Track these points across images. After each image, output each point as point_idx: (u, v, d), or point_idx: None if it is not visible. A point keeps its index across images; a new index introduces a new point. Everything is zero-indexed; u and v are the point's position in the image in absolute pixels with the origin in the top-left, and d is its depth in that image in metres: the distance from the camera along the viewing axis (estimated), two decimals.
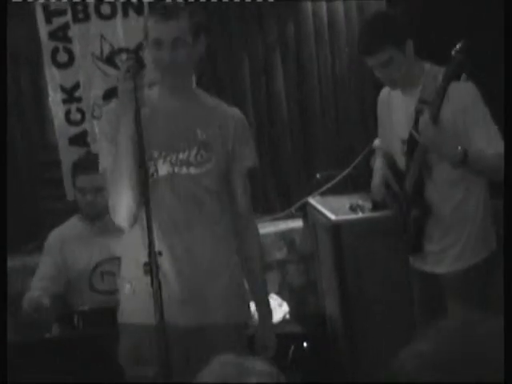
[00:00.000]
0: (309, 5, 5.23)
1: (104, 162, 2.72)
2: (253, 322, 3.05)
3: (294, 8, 5.23)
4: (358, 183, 4.84)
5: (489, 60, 3.69)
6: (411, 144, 3.18)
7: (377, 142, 3.61)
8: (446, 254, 3.21)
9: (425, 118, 3.04)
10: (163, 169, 2.68)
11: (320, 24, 5.26)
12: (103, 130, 2.77)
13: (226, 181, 2.79)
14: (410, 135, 3.17)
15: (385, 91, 3.38)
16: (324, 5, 5.24)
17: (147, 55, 2.70)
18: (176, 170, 2.68)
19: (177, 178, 2.69)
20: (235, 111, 2.85)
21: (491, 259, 3.21)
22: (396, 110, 3.30)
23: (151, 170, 2.65)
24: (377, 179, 3.42)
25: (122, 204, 2.62)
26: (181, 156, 2.67)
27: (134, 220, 2.62)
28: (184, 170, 2.68)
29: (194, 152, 2.68)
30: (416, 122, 3.14)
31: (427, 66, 3.21)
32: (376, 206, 4.28)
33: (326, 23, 5.26)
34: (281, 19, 5.23)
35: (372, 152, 3.68)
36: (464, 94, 3.05)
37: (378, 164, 3.45)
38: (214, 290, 2.74)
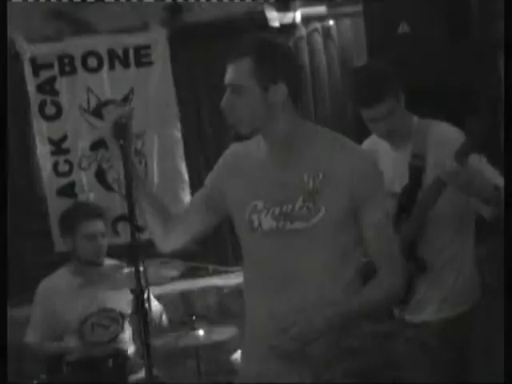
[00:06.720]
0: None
1: None
2: None
3: None
4: None
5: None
6: (406, 198, 3.15)
7: None
8: (432, 303, 3.22)
9: (451, 164, 2.88)
10: (266, 223, 2.41)
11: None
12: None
13: (344, 231, 2.38)
14: (406, 190, 3.14)
15: (368, 144, 3.29)
16: (306, 56, 5.36)
17: None
18: (280, 224, 2.38)
19: (281, 233, 2.38)
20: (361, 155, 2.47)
21: (476, 309, 3.22)
22: (385, 164, 3.13)
23: (255, 223, 2.42)
24: None
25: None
26: (284, 209, 2.38)
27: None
28: (288, 224, 2.37)
29: (299, 204, 2.36)
30: (412, 177, 3.13)
31: (415, 119, 3.22)
32: None
33: (308, 73, 5.36)
34: None
35: None
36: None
37: None
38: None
